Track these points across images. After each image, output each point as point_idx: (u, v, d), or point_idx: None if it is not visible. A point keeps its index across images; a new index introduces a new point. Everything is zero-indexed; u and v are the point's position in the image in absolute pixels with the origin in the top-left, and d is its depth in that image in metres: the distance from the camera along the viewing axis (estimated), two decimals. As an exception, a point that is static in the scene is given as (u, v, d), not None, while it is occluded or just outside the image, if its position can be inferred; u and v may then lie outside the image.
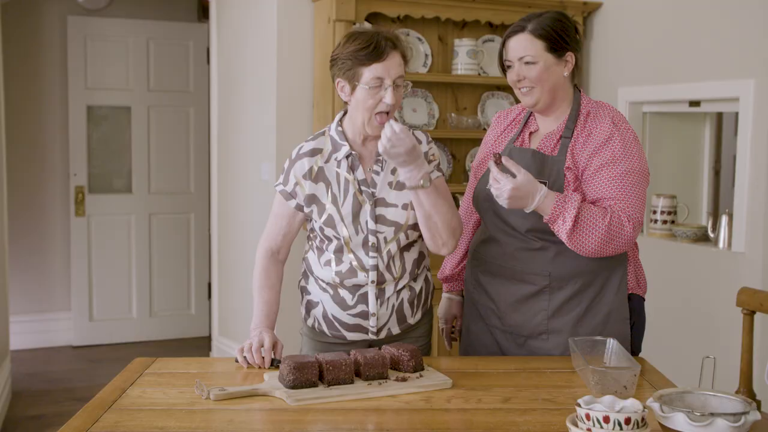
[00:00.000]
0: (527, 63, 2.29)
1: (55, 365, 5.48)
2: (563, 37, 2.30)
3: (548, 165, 2.30)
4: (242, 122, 4.84)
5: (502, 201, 2.16)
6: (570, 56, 2.32)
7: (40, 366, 5.45)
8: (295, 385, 1.96)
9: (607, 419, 1.56)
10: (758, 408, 2.54)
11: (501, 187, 2.15)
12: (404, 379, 2.05)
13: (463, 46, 4.35)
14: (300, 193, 2.29)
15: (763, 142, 3.47)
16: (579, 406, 1.61)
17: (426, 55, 4.39)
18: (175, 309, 6.15)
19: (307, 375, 1.97)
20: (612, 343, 2.13)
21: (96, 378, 5.12)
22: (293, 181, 2.29)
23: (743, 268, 3.55)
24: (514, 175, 2.16)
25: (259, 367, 2.16)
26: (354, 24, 4.06)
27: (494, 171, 2.16)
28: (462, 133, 4.37)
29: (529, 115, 2.46)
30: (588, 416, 1.58)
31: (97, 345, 5.92)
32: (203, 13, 6.09)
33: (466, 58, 4.34)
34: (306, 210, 2.29)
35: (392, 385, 2.01)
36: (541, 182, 2.22)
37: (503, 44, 2.36)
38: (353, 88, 2.21)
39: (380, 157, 2.28)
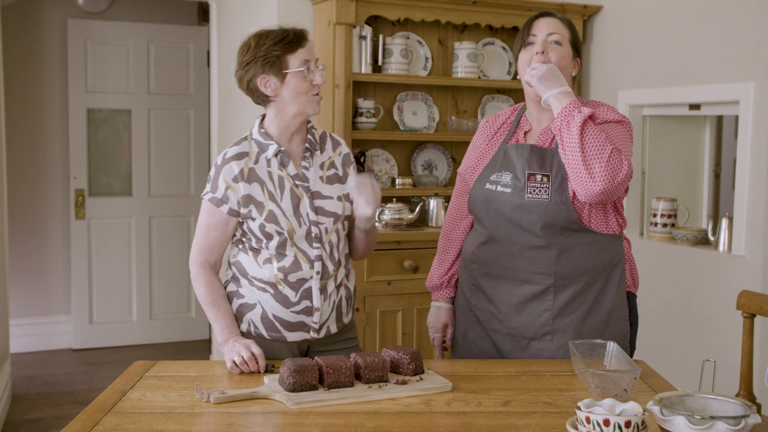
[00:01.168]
0: (555, 42, 2.34)
1: (55, 368, 5.47)
2: (579, 40, 2.42)
3: (548, 158, 2.31)
4: (242, 125, 4.84)
5: (536, 74, 2.23)
6: (578, 62, 2.41)
7: (40, 369, 5.45)
8: (295, 388, 1.96)
9: (607, 422, 1.56)
10: (758, 411, 2.54)
11: (541, 65, 2.23)
12: (404, 382, 2.05)
13: (463, 49, 4.35)
14: (232, 196, 2.27)
15: (764, 145, 3.47)
16: (579, 409, 1.61)
17: (426, 58, 4.40)
18: (175, 312, 6.15)
19: (307, 378, 1.97)
20: (612, 346, 2.13)
21: (96, 381, 5.13)
22: (223, 186, 2.27)
23: (743, 272, 3.55)
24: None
25: (258, 372, 2.16)
26: (354, 27, 4.07)
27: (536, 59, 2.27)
28: (462, 136, 4.37)
29: (521, 116, 2.47)
30: (588, 419, 1.58)
31: (97, 348, 5.92)
32: (203, 16, 6.10)
33: (467, 61, 4.35)
34: (243, 211, 2.27)
35: (392, 388, 2.01)
36: (544, 175, 2.26)
37: (530, 23, 2.38)
38: (283, 78, 2.25)
39: (307, 154, 2.34)
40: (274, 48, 2.23)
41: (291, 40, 2.24)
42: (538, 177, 2.29)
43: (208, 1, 5.32)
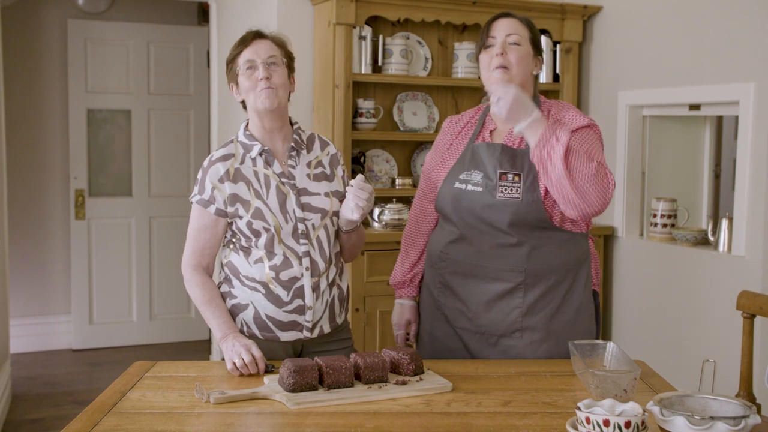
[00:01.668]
0: (513, 43, 2.35)
1: (55, 368, 5.47)
2: (539, 38, 2.44)
3: (519, 157, 2.34)
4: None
5: (503, 106, 2.17)
6: (540, 61, 2.42)
7: (40, 369, 5.44)
8: (295, 389, 1.96)
9: (607, 423, 1.56)
10: (758, 411, 2.54)
11: (504, 91, 2.17)
12: (404, 383, 2.05)
13: (463, 49, 4.35)
14: (219, 197, 2.29)
15: (764, 145, 3.47)
16: (579, 409, 1.61)
17: (426, 59, 4.40)
18: (175, 312, 6.15)
19: (307, 378, 1.97)
20: (612, 347, 2.13)
21: (96, 381, 5.12)
22: (210, 188, 2.30)
23: (743, 272, 3.55)
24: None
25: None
26: (354, 27, 4.07)
27: (494, 81, 2.22)
28: (462, 136, 4.36)
29: (485, 115, 2.49)
30: (588, 420, 1.58)
31: (97, 348, 5.92)
32: (203, 16, 6.09)
33: (466, 61, 4.35)
34: (230, 210, 2.28)
35: (392, 389, 2.01)
36: (515, 174, 2.29)
37: (489, 25, 2.40)
38: (236, 81, 2.33)
39: (293, 153, 2.35)
40: (230, 55, 2.34)
41: (239, 42, 2.33)
42: (510, 176, 2.32)
43: (208, 1, 5.32)
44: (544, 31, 4.48)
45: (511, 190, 2.30)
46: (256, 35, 2.33)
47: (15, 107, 5.62)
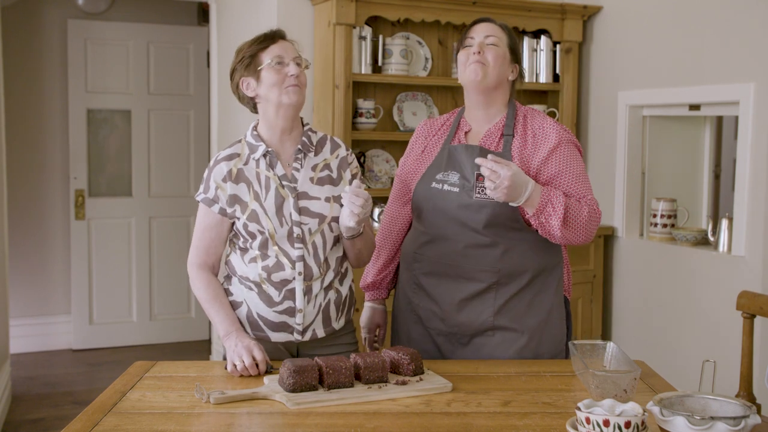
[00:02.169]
0: (490, 44, 2.40)
1: (55, 369, 5.47)
2: (518, 51, 2.48)
3: None
4: (242, 126, 4.84)
5: (500, 192, 2.18)
6: (516, 68, 2.46)
7: (40, 369, 5.44)
8: (295, 389, 1.96)
9: (607, 423, 1.56)
10: (758, 412, 2.54)
11: (500, 177, 2.16)
12: (404, 383, 2.05)
13: (463, 49, 4.35)
14: (222, 196, 2.29)
15: (763, 145, 3.47)
16: (579, 409, 1.61)
17: (426, 59, 4.40)
18: (175, 312, 6.15)
19: (307, 378, 1.97)
20: (612, 347, 2.13)
21: (96, 381, 5.12)
22: (213, 186, 2.30)
23: (743, 272, 3.55)
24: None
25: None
26: (354, 27, 4.07)
27: (487, 164, 2.18)
28: (462, 136, 4.36)
29: (460, 118, 2.51)
30: (588, 420, 1.58)
31: (97, 348, 5.92)
32: (203, 16, 6.09)
33: (466, 61, 4.35)
34: (229, 211, 2.29)
35: (392, 389, 2.01)
36: None
37: (468, 28, 2.46)
38: (258, 76, 2.29)
39: (299, 155, 2.33)
40: (249, 50, 2.30)
41: (263, 39, 2.30)
42: None
43: (208, 1, 5.32)
44: (544, 31, 4.49)
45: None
46: (281, 36, 2.34)
47: (15, 107, 5.62)
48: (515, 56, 2.45)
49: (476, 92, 2.42)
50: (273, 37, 2.31)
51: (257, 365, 2.15)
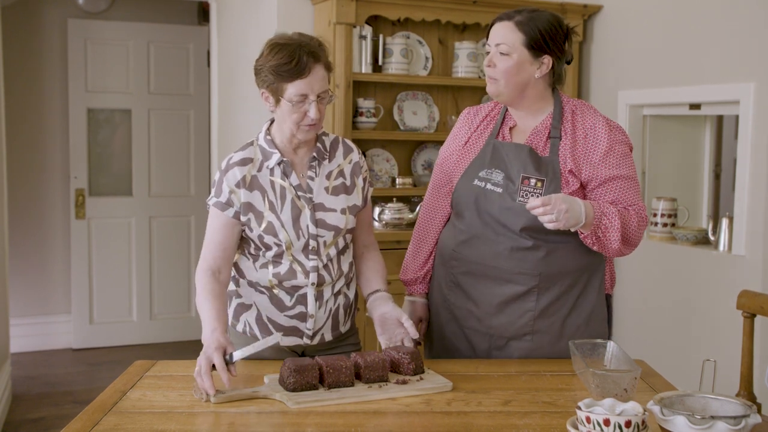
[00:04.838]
0: (501, 53, 2.28)
1: (55, 368, 5.47)
2: (546, 39, 2.28)
3: (543, 164, 2.29)
4: (242, 125, 4.84)
5: (562, 217, 2.11)
6: (547, 59, 2.29)
7: (40, 369, 5.44)
8: (295, 388, 1.96)
9: (607, 422, 1.56)
10: (758, 411, 2.54)
11: (552, 203, 2.10)
12: (404, 382, 2.05)
13: (463, 48, 4.35)
14: (236, 201, 2.23)
15: (764, 145, 3.47)
16: (579, 409, 1.61)
17: (426, 58, 4.40)
18: (175, 312, 6.15)
19: (308, 378, 1.97)
20: (612, 346, 2.13)
21: (96, 381, 5.12)
22: (227, 191, 2.23)
23: (743, 271, 3.55)
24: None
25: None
26: (354, 27, 4.07)
27: (536, 204, 2.10)
28: (462, 136, 4.36)
29: (506, 111, 2.42)
30: (588, 419, 1.58)
31: (97, 348, 5.92)
32: (203, 16, 6.09)
33: (467, 60, 4.35)
34: (243, 218, 2.23)
35: (392, 388, 2.01)
36: (539, 180, 2.25)
37: (489, 28, 2.36)
38: (277, 101, 2.19)
39: (314, 163, 2.27)
40: (273, 72, 2.15)
41: (292, 68, 2.12)
42: (533, 181, 2.27)
43: (208, 1, 5.32)
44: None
45: (532, 194, 2.26)
46: (314, 61, 2.14)
47: (15, 107, 5.62)
48: (539, 50, 2.27)
49: (502, 103, 2.37)
50: (302, 71, 2.13)
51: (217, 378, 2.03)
